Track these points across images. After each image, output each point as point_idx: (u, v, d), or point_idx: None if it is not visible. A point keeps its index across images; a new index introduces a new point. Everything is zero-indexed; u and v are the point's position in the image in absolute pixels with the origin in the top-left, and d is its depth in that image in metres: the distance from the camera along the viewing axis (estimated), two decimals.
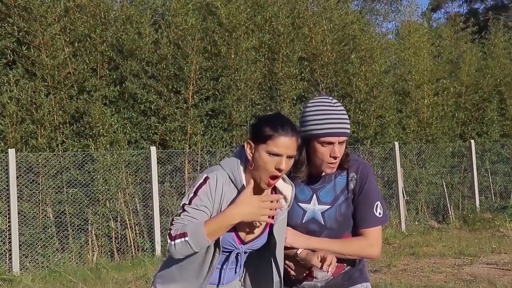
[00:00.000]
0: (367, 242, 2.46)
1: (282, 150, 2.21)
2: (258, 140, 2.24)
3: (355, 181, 2.50)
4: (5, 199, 8.54)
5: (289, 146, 2.22)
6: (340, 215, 2.49)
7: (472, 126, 13.87)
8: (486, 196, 13.24)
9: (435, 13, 30.37)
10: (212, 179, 2.24)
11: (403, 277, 7.37)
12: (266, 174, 2.23)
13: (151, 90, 9.91)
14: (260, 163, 2.23)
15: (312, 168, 2.48)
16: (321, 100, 2.45)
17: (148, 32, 10.12)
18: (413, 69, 13.11)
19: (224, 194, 2.24)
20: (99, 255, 9.14)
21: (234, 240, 2.30)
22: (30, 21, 9.26)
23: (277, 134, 2.21)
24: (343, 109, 2.43)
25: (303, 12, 12.01)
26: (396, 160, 11.52)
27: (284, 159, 2.22)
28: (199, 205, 2.21)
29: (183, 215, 2.21)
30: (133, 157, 9.60)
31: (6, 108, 8.83)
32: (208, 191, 2.23)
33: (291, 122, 2.28)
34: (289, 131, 2.23)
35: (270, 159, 2.22)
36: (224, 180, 2.26)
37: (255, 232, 2.34)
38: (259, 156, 2.23)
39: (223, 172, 2.28)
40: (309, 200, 2.52)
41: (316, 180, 2.52)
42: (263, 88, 10.99)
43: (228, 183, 2.27)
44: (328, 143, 2.38)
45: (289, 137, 2.22)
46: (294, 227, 2.51)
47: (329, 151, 2.39)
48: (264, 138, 2.22)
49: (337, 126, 2.37)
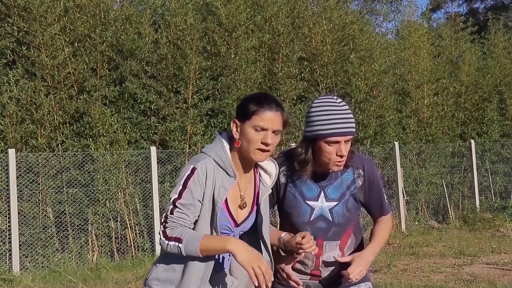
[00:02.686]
0: (387, 223, 2.71)
1: (268, 124, 2.23)
2: (244, 117, 2.26)
3: (362, 177, 2.58)
4: (5, 199, 8.54)
5: (274, 120, 2.25)
6: (347, 210, 2.56)
7: (472, 126, 13.87)
8: (486, 196, 13.23)
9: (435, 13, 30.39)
10: (200, 169, 2.23)
11: (403, 277, 7.37)
12: (253, 148, 2.24)
13: (151, 90, 9.91)
14: (246, 139, 2.24)
15: (318, 167, 2.51)
16: (326, 100, 2.48)
17: (147, 32, 10.12)
18: (413, 69, 13.11)
19: (216, 181, 2.24)
20: (99, 255, 9.14)
21: (230, 223, 2.31)
22: (30, 21, 9.26)
23: (262, 109, 2.24)
24: (347, 108, 2.48)
25: (303, 12, 12.01)
26: (396, 160, 11.52)
27: (269, 133, 2.24)
28: (190, 199, 2.22)
29: (176, 213, 2.22)
30: (133, 157, 9.60)
31: (6, 108, 8.83)
32: (197, 181, 2.22)
33: (276, 99, 2.31)
34: (273, 106, 2.25)
35: (256, 134, 2.23)
36: (213, 166, 2.26)
37: (245, 213, 2.35)
38: (245, 133, 2.24)
39: (209, 159, 2.27)
40: (317, 198, 2.55)
41: (323, 177, 2.56)
42: (263, 88, 10.98)
43: (216, 168, 2.27)
44: (335, 143, 2.42)
45: (273, 111, 2.25)
46: (301, 225, 2.54)
47: (335, 150, 2.43)
48: (249, 114, 2.24)
49: (343, 126, 2.42)
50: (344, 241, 2.59)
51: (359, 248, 2.66)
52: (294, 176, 2.56)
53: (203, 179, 2.23)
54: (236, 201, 2.34)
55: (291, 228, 2.59)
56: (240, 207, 2.34)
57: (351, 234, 2.62)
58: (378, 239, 2.62)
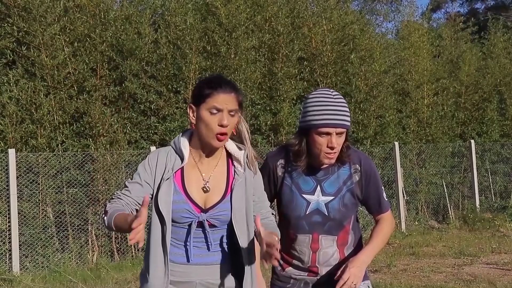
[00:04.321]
0: (388, 223, 2.66)
1: (222, 105, 2.23)
2: (199, 101, 2.27)
3: (359, 173, 2.57)
4: (5, 199, 8.54)
5: (229, 101, 2.25)
6: (343, 205, 2.55)
7: (472, 126, 13.87)
8: (486, 196, 13.23)
9: (435, 13, 30.39)
10: (152, 153, 2.36)
11: (403, 277, 7.36)
12: (212, 134, 2.25)
13: (150, 90, 9.92)
14: (204, 123, 2.26)
15: (312, 159, 2.51)
16: (321, 92, 2.52)
17: (147, 32, 10.12)
18: (413, 69, 13.11)
19: (167, 163, 2.30)
20: (99, 255, 9.14)
21: (190, 206, 2.27)
22: (29, 21, 9.26)
23: (215, 92, 2.24)
24: (343, 101, 2.48)
25: (303, 12, 12.00)
26: (396, 160, 11.51)
27: (225, 114, 2.24)
28: (136, 178, 2.31)
29: (122, 190, 2.30)
30: (133, 157, 9.59)
31: (6, 108, 8.83)
32: (146, 163, 2.32)
33: (231, 81, 2.32)
34: (228, 88, 2.26)
35: (212, 117, 2.24)
36: (167, 151, 2.35)
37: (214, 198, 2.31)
38: (201, 117, 2.26)
39: (166, 147, 2.39)
40: (313, 192, 2.54)
41: (320, 171, 2.55)
42: (263, 88, 10.99)
43: (172, 153, 2.34)
44: (326, 134, 2.42)
45: (227, 93, 2.25)
46: (297, 219, 2.54)
47: (326, 141, 2.43)
48: (203, 97, 2.25)
49: (334, 117, 2.42)
50: (342, 237, 2.58)
51: (358, 248, 2.65)
52: (291, 169, 2.56)
53: (152, 162, 2.31)
54: (198, 184, 2.32)
55: (287, 223, 2.58)
56: (203, 190, 2.31)
57: (350, 231, 2.61)
58: (377, 241, 2.59)
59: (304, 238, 2.55)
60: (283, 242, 2.62)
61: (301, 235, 2.55)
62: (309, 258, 2.56)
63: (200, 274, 2.30)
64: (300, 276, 2.60)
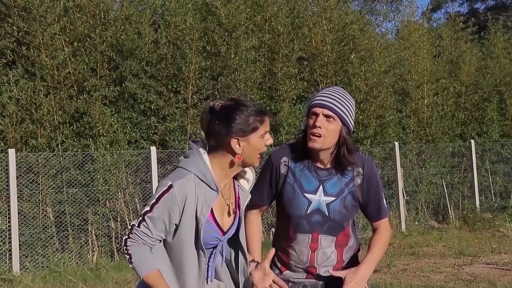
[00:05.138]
0: (387, 231, 2.66)
1: (268, 127, 2.31)
2: (249, 132, 2.26)
3: (362, 176, 2.58)
4: (5, 199, 8.54)
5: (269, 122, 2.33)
6: (344, 207, 2.55)
7: (472, 126, 13.87)
8: (486, 196, 13.23)
9: (435, 13, 30.39)
10: (177, 189, 2.17)
11: (403, 277, 7.36)
12: (256, 156, 2.30)
13: (150, 90, 9.91)
14: (254, 149, 2.27)
15: (315, 158, 2.56)
16: (329, 86, 2.59)
17: (147, 32, 10.12)
18: (413, 69, 13.11)
19: (198, 198, 2.20)
20: (99, 255, 9.14)
21: (218, 233, 2.30)
22: (29, 21, 9.26)
23: (262, 118, 2.28)
24: (342, 92, 2.52)
25: (303, 12, 12.01)
26: (396, 160, 11.51)
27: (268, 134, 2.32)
28: (159, 215, 2.18)
29: (142, 227, 2.20)
30: (133, 157, 9.59)
31: (6, 108, 8.83)
32: (170, 199, 2.17)
33: (253, 101, 2.37)
34: (263, 108, 2.32)
35: (263, 141, 2.29)
36: (194, 183, 2.21)
37: (230, 220, 2.36)
38: (253, 144, 2.27)
39: (189, 176, 2.22)
40: (315, 191, 2.55)
41: (324, 171, 2.56)
42: (263, 88, 10.99)
43: (198, 184, 2.22)
44: (314, 115, 2.46)
45: (267, 114, 2.31)
46: (298, 218, 2.54)
47: (312, 122, 2.46)
48: (255, 127, 2.26)
49: (323, 99, 2.47)
50: (341, 239, 2.58)
51: (356, 253, 2.67)
52: (295, 167, 2.56)
53: (180, 202, 2.17)
54: (221, 210, 2.33)
55: (287, 221, 2.58)
56: (228, 214, 2.34)
57: (349, 234, 2.61)
58: (376, 252, 2.58)
59: (303, 238, 2.55)
60: (281, 242, 2.62)
61: (300, 234, 2.55)
62: (307, 258, 2.55)
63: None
64: (298, 279, 2.59)
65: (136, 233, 2.20)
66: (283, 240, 2.61)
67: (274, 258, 2.66)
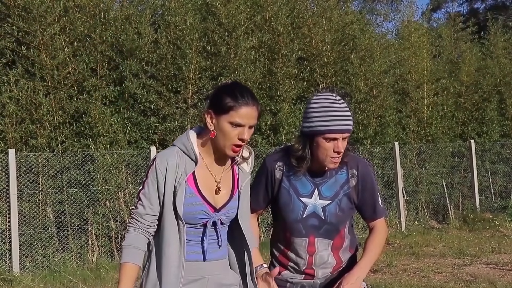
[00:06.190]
0: (383, 232, 2.67)
1: (245, 121, 2.24)
2: (220, 111, 2.26)
3: (356, 177, 2.58)
4: (5, 199, 8.54)
5: (251, 116, 2.26)
6: (340, 210, 2.55)
7: (472, 126, 13.87)
8: (486, 196, 13.23)
9: (435, 13, 30.39)
10: (159, 159, 2.29)
11: (403, 277, 7.36)
12: (229, 144, 2.27)
13: (150, 90, 9.91)
14: (222, 133, 2.26)
15: (314, 163, 2.52)
16: (325, 97, 2.51)
17: (147, 32, 10.12)
18: (413, 69, 13.11)
19: (178, 168, 2.27)
20: (99, 255, 9.14)
21: (206, 208, 2.31)
22: (29, 21, 9.26)
23: (237, 105, 2.23)
24: (346, 106, 2.50)
25: (303, 12, 12.00)
26: (396, 160, 11.51)
27: (246, 129, 2.26)
28: (150, 188, 2.29)
29: (139, 206, 2.32)
30: (133, 157, 9.59)
31: (6, 108, 8.83)
32: (154, 169, 2.28)
33: (250, 91, 2.32)
34: (250, 100, 2.26)
35: (233, 129, 2.25)
36: (176, 153, 2.30)
37: (224, 198, 2.36)
38: (221, 127, 2.26)
39: (173, 148, 2.33)
40: (311, 195, 2.55)
41: (318, 175, 2.56)
42: (263, 88, 10.99)
43: (181, 156, 2.31)
44: (333, 139, 2.44)
45: (250, 106, 2.25)
46: (294, 222, 2.55)
47: (333, 146, 2.45)
48: (226, 109, 2.24)
49: (341, 123, 2.44)
50: (337, 242, 2.59)
51: (354, 253, 2.68)
52: (290, 172, 2.56)
53: (162, 169, 2.27)
54: (210, 186, 2.34)
55: (283, 225, 2.59)
56: (216, 192, 2.35)
57: (344, 236, 2.62)
58: (372, 253, 2.59)
59: (300, 242, 2.56)
60: (279, 245, 2.64)
61: (297, 238, 2.56)
62: (305, 261, 2.57)
63: (212, 270, 2.36)
64: (296, 280, 2.60)
65: (134, 216, 2.33)
66: (280, 243, 2.63)
67: (273, 260, 2.68)
